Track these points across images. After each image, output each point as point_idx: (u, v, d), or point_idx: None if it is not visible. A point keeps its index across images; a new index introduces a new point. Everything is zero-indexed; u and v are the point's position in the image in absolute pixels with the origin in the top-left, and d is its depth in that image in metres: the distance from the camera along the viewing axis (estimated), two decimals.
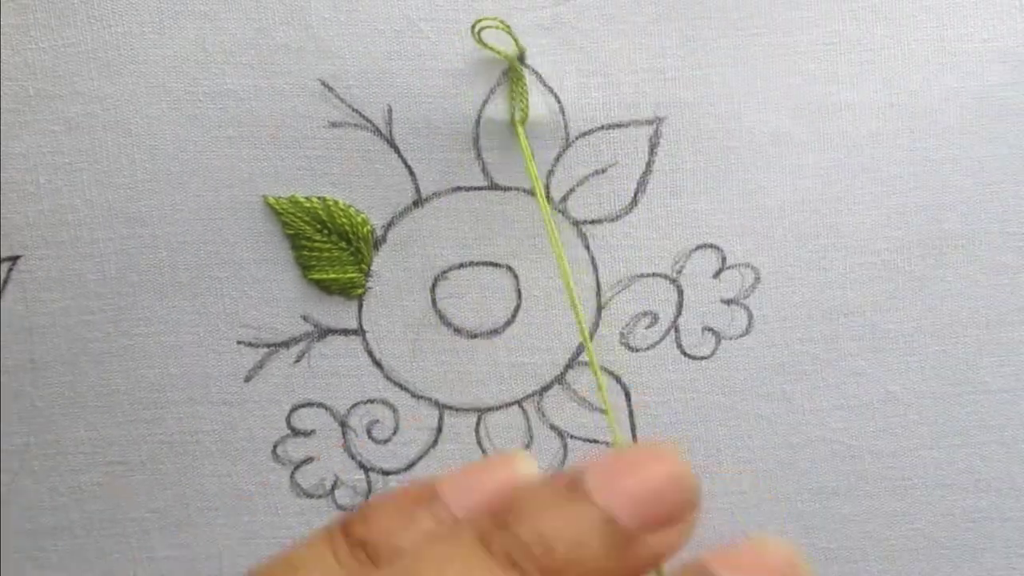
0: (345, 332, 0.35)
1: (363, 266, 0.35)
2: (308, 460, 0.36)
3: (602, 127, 0.34)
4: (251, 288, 0.35)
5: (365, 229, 0.34)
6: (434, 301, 0.35)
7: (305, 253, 0.34)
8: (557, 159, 0.34)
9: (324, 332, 0.35)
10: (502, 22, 0.33)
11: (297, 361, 0.35)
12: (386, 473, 0.36)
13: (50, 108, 0.34)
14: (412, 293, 0.35)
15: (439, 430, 0.36)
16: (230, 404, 0.35)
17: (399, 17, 0.33)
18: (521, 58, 0.33)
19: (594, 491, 0.22)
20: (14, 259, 0.34)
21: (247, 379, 0.35)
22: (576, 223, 0.35)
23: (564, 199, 0.35)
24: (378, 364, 0.35)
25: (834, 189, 0.34)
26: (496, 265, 0.35)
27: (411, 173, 0.34)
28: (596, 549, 0.21)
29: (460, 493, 0.23)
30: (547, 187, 0.34)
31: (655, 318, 0.35)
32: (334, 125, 0.34)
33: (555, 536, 0.21)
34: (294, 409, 0.35)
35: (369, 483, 0.36)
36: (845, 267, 0.35)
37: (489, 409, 0.36)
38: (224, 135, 0.34)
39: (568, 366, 0.35)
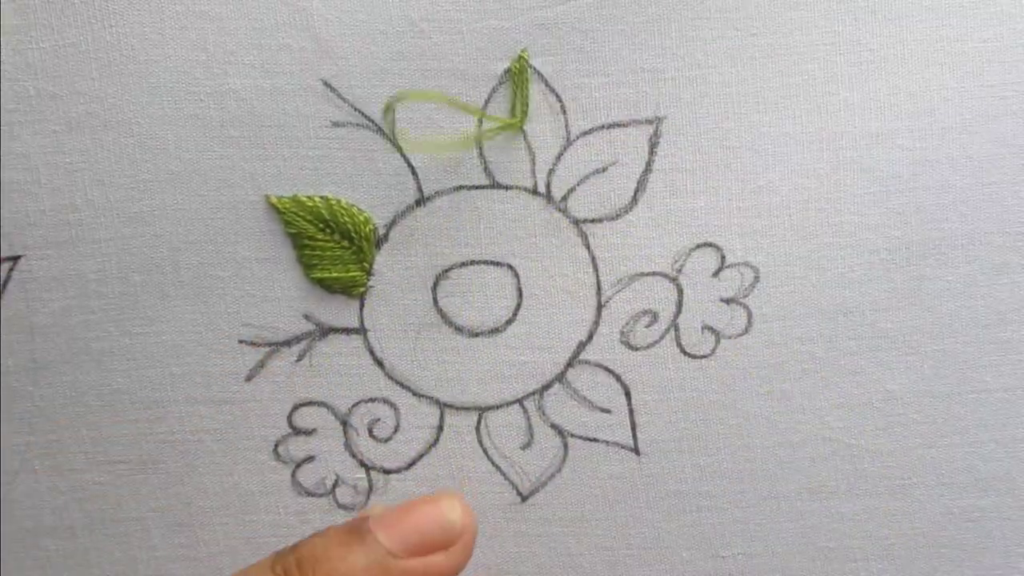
0: (347, 331, 0.35)
1: (365, 265, 0.35)
2: (309, 459, 0.36)
3: (602, 126, 0.34)
4: (253, 287, 0.35)
5: (367, 228, 0.34)
6: (435, 300, 0.35)
7: (307, 252, 0.34)
8: (558, 158, 0.34)
9: (326, 331, 0.35)
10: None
11: (299, 360, 0.35)
12: (387, 472, 0.36)
13: (51, 108, 0.34)
14: (414, 292, 0.35)
15: (440, 428, 0.36)
16: (231, 403, 0.35)
17: (400, 18, 0.33)
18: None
19: (373, 530, 0.28)
20: (15, 259, 0.34)
21: (248, 378, 0.35)
22: (576, 222, 0.35)
23: (565, 198, 0.35)
24: (379, 363, 0.35)
25: (834, 189, 0.34)
26: (497, 264, 0.35)
27: (413, 172, 0.34)
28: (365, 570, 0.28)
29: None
30: (548, 186, 0.35)
31: (655, 317, 0.35)
32: (336, 125, 0.34)
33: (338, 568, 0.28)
34: (295, 408, 0.35)
35: (370, 482, 0.36)
36: (844, 266, 0.35)
37: (490, 408, 0.36)
38: (226, 135, 0.34)
39: (569, 365, 0.35)
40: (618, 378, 0.35)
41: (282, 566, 0.28)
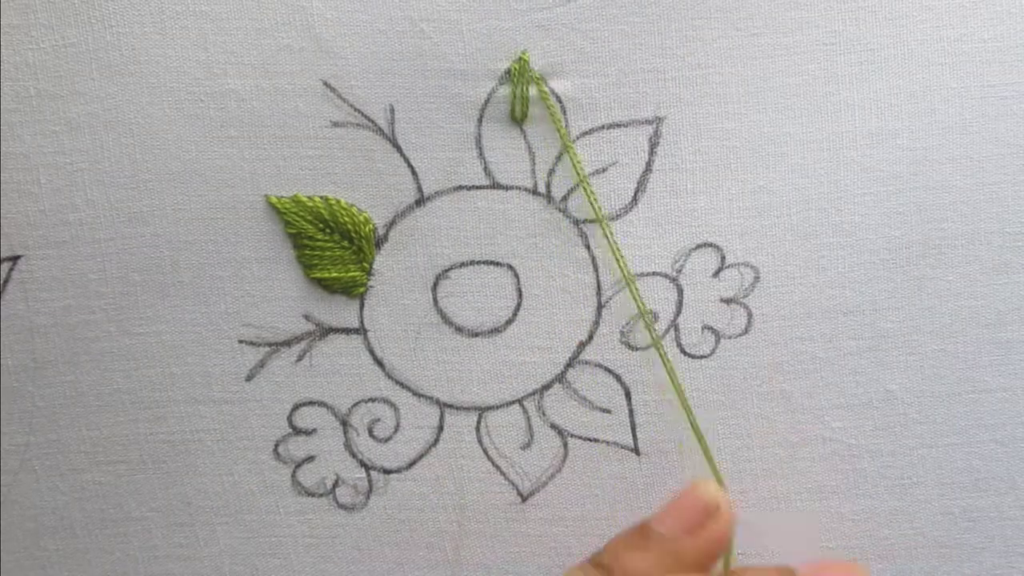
0: (346, 331, 0.35)
1: (365, 265, 0.35)
2: (309, 459, 0.36)
3: (603, 127, 0.34)
4: (253, 287, 0.35)
5: (367, 228, 0.34)
6: (435, 300, 0.35)
7: (307, 252, 0.34)
8: (558, 158, 0.34)
9: (325, 331, 0.35)
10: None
11: (299, 360, 0.35)
12: (387, 472, 0.36)
13: (51, 108, 0.34)
14: (413, 292, 0.35)
15: (440, 428, 0.36)
16: (231, 403, 0.35)
17: (401, 18, 0.33)
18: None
19: (653, 527, 0.32)
20: (15, 259, 0.34)
21: (248, 378, 0.35)
22: (576, 222, 0.35)
23: (565, 198, 0.35)
24: (379, 363, 0.35)
25: (834, 189, 0.34)
26: (497, 264, 0.35)
27: (413, 172, 0.34)
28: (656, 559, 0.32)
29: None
30: (548, 186, 0.35)
31: (655, 317, 0.35)
32: (336, 125, 0.34)
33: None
34: (295, 408, 0.35)
35: (370, 481, 0.36)
36: (844, 266, 0.35)
37: (490, 408, 0.36)
38: (226, 135, 0.34)
39: (569, 365, 0.35)
40: (618, 378, 0.35)
41: None
